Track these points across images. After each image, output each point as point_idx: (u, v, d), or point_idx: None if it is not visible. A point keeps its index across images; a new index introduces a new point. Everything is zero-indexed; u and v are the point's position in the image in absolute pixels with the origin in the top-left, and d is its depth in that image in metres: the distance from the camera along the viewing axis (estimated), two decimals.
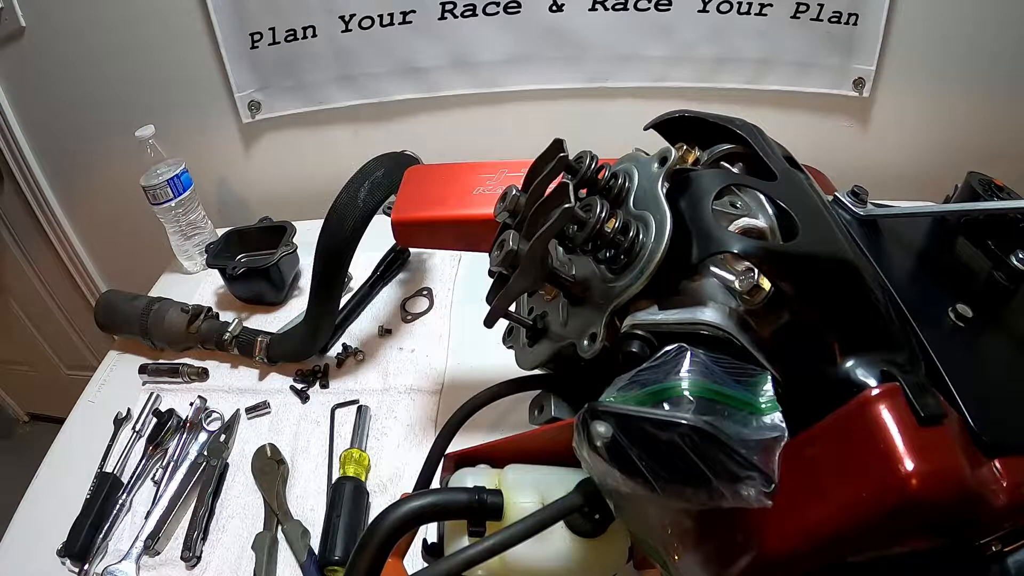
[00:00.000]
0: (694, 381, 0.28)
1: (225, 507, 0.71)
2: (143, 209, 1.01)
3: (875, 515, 0.25)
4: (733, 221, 0.36)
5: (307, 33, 1.04)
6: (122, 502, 0.72)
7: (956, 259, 0.43)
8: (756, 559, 0.28)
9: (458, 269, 0.97)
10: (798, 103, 1.08)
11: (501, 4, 1.00)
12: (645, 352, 0.31)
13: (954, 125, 1.08)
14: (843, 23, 0.98)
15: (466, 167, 0.69)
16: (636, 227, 0.33)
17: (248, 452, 0.75)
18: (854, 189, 0.44)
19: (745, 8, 0.99)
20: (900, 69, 1.02)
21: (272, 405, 0.81)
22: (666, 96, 1.08)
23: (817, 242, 0.33)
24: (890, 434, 0.26)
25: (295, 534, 0.67)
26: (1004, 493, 0.27)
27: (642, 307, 0.33)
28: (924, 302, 0.36)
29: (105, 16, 1.05)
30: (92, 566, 0.66)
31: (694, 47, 1.03)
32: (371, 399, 0.80)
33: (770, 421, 0.28)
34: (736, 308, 0.32)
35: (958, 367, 0.31)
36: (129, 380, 0.86)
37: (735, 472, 0.27)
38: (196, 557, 0.67)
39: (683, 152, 0.39)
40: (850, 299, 0.32)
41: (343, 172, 0.73)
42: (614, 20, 1.01)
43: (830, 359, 0.30)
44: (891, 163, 1.13)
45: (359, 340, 0.88)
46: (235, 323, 0.85)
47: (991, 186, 0.45)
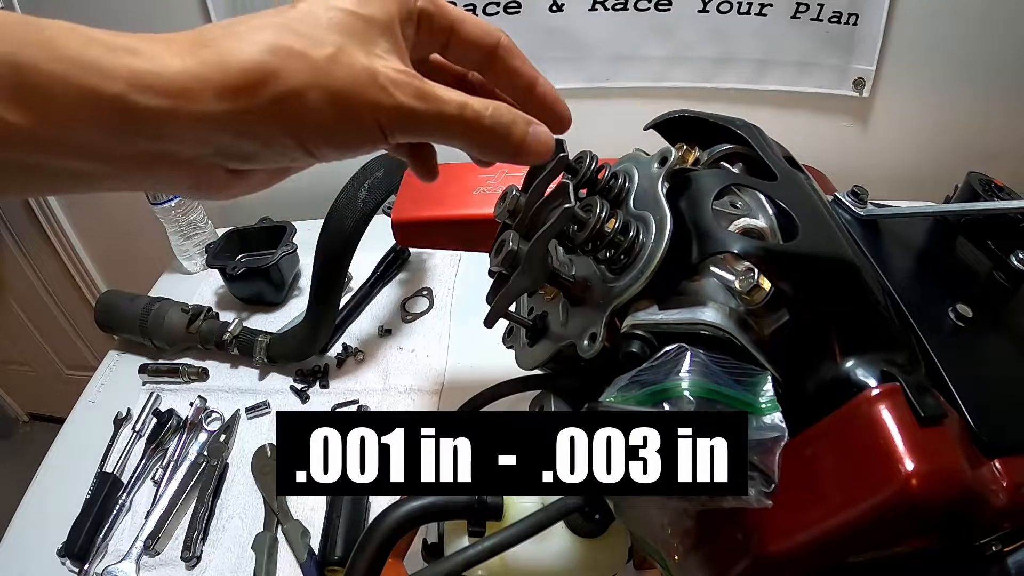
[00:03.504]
0: (694, 381, 0.28)
1: (225, 507, 0.71)
2: (143, 209, 1.01)
3: (875, 515, 0.25)
4: (733, 221, 0.36)
5: None
6: (122, 502, 0.72)
7: (956, 259, 0.43)
8: (756, 559, 0.28)
9: (458, 269, 0.97)
10: (798, 103, 1.08)
11: (501, 4, 1.00)
12: (645, 352, 0.31)
13: (954, 125, 1.08)
14: (843, 23, 0.98)
15: (466, 167, 0.69)
16: (636, 227, 0.33)
17: (248, 452, 0.75)
18: (854, 189, 0.44)
19: (745, 8, 0.99)
20: (900, 69, 1.02)
21: (272, 405, 0.81)
22: (666, 96, 1.08)
23: (817, 242, 0.33)
24: (890, 434, 0.26)
25: (295, 534, 0.67)
26: (1004, 493, 0.27)
27: (642, 307, 0.33)
28: (924, 302, 0.36)
29: (104, 16, 1.05)
30: (92, 566, 0.66)
31: (694, 47, 1.03)
32: (371, 399, 0.80)
33: (770, 421, 0.28)
34: (736, 308, 0.32)
35: (958, 367, 0.31)
36: (129, 380, 0.86)
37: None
38: (196, 557, 0.67)
39: (683, 152, 0.39)
40: (850, 299, 0.32)
41: (343, 172, 0.73)
42: (614, 20, 1.01)
43: (830, 359, 0.30)
44: (891, 163, 1.13)
45: (359, 340, 0.88)
46: (235, 323, 0.85)
47: (991, 186, 0.45)
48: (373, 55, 0.26)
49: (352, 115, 0.26)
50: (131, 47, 0.23)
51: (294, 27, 0.25)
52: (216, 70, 0.24)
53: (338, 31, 0.26)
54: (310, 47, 0.25)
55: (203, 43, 0.24)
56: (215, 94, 0.24)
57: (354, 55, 0.26)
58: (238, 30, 0.25)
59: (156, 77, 0.23)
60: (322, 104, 0.25)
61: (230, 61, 0.24)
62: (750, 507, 0.27)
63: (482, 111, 0.28)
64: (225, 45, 0.24)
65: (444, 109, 0.27)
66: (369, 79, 0.26)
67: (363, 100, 0.26)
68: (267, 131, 0.25)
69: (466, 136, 0.28)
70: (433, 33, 0.30)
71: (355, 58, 0.26)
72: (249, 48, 0.24)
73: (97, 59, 0.22)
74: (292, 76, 0.24)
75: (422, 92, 0.27)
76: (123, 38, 0.23)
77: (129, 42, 0.23)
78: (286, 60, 0.24)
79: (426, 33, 0.30)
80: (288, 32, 0.25)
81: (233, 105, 0.24)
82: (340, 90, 0.25)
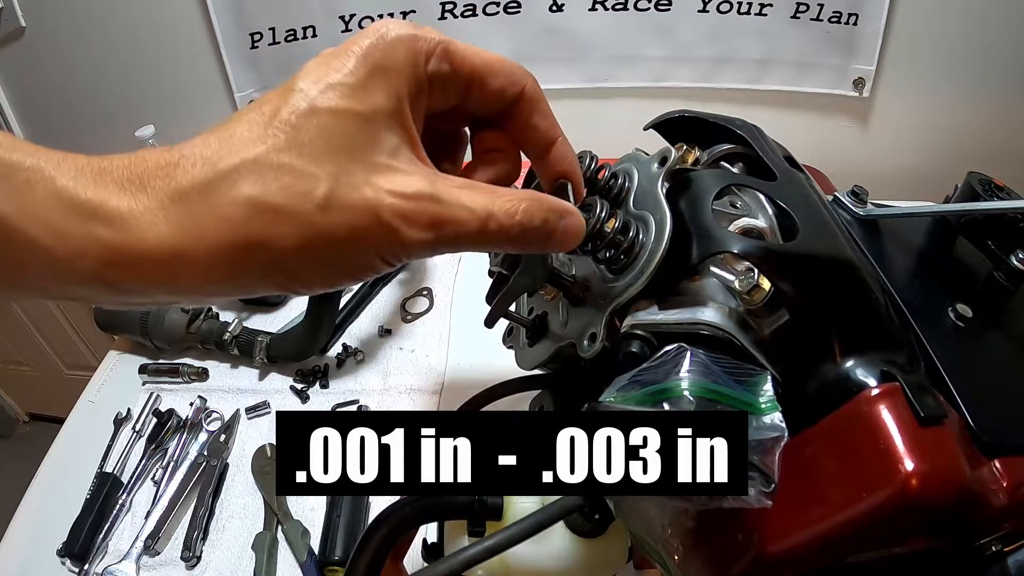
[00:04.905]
0: (694, 381, 0.28)
1: (225, 507, 0.71)
2: None
3: (875, 515, 0.25)
4: (733, 221, 0.36)
5: (307, 33, 1.04)
6: (122, 502, 0.72)
7: (956, 259, 0.43)
8: (756, 559, 0.28)
9: (458, 269, 0.97)
10: (798, 103, 1.08)
11: (501, 4, 1.00)
12: (645, 352, 0.31)
13: (954, 125, 1.08)
14: (843, 23, 0.98)
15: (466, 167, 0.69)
16: (636, 227, 0.33)
17: (248, 452, 0.75)
18: (854, 189, 0.44)
19: (745, 8, 0.99)
20: (900, 69, 1.02)
21: (272, 405, 0.81)
22: (666, 96, 1.08)
23: (817, 242, 0.33)
24: (890, 434, 0.26)
25: (295, 534, 0.67)
26: (1004, 493, 0.27)
27: (642, 307, 0.33)
28: (924, 302, 0.36)
29: (105, 16, 1.05)
30: (92, 566, 0.66)
31: (694, 47, 1.03)
32: (371, 399, 0.80)
33: (770, 421, 0.28)
34: (736, 308, 0.32)
35: (958, 367, 0.31)
36: (129, 380, 0.86)
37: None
38: (196, 557, 0.67)
39: (683, 152, 0.39)
40: (850, 299, 0.32)
41: None
42: (614, 20, 1.01)
43: (830, 359, 0.30)
44: (891, 163, 1.13)
45: (359, 340, 0.88)
46: (235, 323, 0.85)
47: (991, 186, 0.45)
48: (376, 175, 0.22)
49: (353, 262, 0.23)
50: (103, 212, 0.20)
51: (278, 163, 0.21)
52: (197, 242, 0.21)
53: (331, 151, 0.22)
54: (298, 198, 0.21)
55: (180, 195, 0.21)
56: (197, 273, 0.21)
57: (352, 189, 0.22)
58: (217, 174, 0.21)
59: (132, 256, 0.20)
60: (316, 263, 0.22)
61: (211, 233, 0.21)
62: (750, 507, 0.27)
63: (508, 222, 0.24)
64: (205, 205, 0.21)
65: (463, 230, 0.23)
66: (372, 220, 0.22)
67: (366, 247, 0.22)
68: (257, 286, 0.23)
69: (491, 245, 0.25)
70: (448, 94, 0.26)
71: (353, 194, 0.22)
72: (230, 211, 0.21)
73: (67, 230, 0.20)
74: (281, 241, 0.21)
75: (438, 220, 0.23)
76: (93, 191, 0.20)
77: (99, 200, 0.20)
78: (272, 225, 0.21)
79: (440, 96, 0.26)
80: (271, 175, 0.21)
81: (218, 277, 0.22)
82: (338, 242, 0.22)
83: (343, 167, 0.22)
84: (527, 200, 0.25)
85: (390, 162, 0.23)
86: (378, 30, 0.23)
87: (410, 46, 0.24)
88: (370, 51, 0.23)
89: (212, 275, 0.21)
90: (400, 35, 0.23)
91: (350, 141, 0.22)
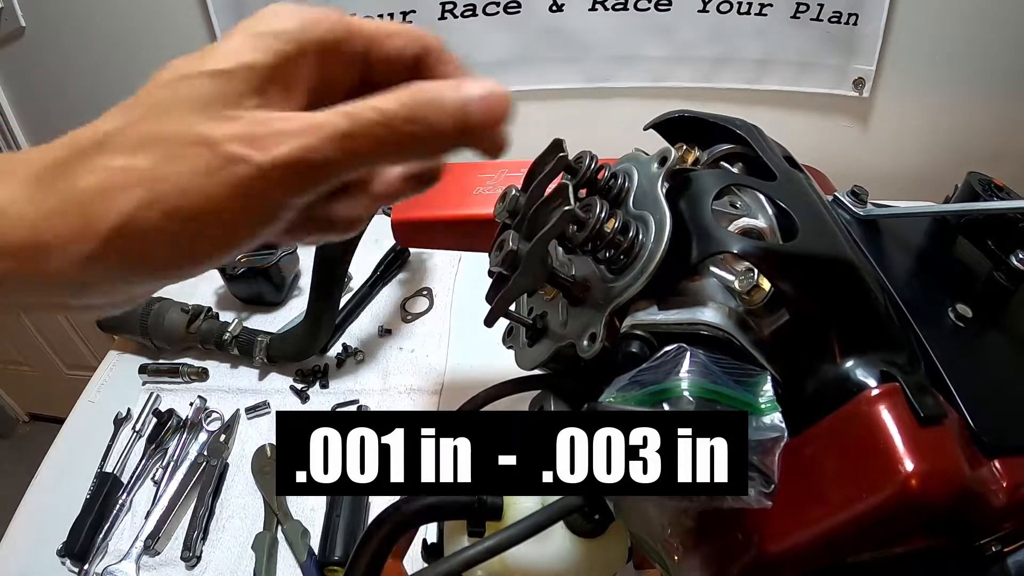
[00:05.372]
0: (694, 381, 0.28)
1: (225, 507, 0.71)
2: None
3: (875, 515, 0.25)
4: (733, 221, 0.36)
5: None
6: (122, 502, 0.72)
7: (956, 259, 0.43)
8: (756, 559, 0.28)
9: (458, 269, 0.97)
10: (798, 103, 1.08)
11: (501, 4, 1.00)
12: (645, 352, 0.31)
13: (954, 125, 1.08)
14: (843, 23, 0.98)
15: (466, 167, 0.69)
16: (636, 227, 0.33)
17: (248, 452, 0.75)
18: (854, 189, 0.44)
19: (745, 8, 0.99)
20: (900, 69, 1.02)
21: (272, 405, 0.81)
22: (666, 96, 1.08)
23: (817, 242, 0.33)
24: (890, 434, 0.26)
25: (295, 534, 0.67)
26: (1004, 493, 0.27)
27: (642, 307, 0.33)
28: (924, 302, 0.36)
29: (105, 16, 1.05)
30: (92, 566, 0.66)
31: (694, 47, 1.03)
32: (371, 399, 0.80)
33: (770, 421, 0.28)
34: (736, 308, 0.32)
35: (958, 367, 0.31)
36: (129, 380, 0.86)
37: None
38: (196, 557, 0.67)
39: (683, 152, 0.39)
40: (850, 299, 0.32)
41: None
42: (614, 20, 1.01)
43: (830, 359, 0.30)
44: (891, 163, 1.13)
45: (359, 340, 0.88)
46: (235, 323, 0.85)
47: (991, 186, 0.45)
48: (221, 121, 0.20)
49: (222, 218, 0.21)
50: None
51: (136, 133, 0.21)
52: (55, 221, 0.20)
53: (182, 111, 0.21)
54: (143, 160, 0.20)
55: (37, 177, 0.20)
56: (63, 256, 0.20)
57: (192, 135, 0.20)
58: (73, 153, 0.21)
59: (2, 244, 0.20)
60: (181, 223, 0.20)
61: (70, 210, 0.20)
62: (750, 507, 0.27)
63: (386, 106, 0.21)
64: (64, 183, 0.20)
65: (326, 133, 0.21)
66: (214, 156, 0.20)
67: (220, 190, 0.20)
68: (140, 263, 0.21)
69: (378, 151, 0.22)
70: (347, 63, 0.24)
71: (191, 138, 0.20)
72: (86, 183, 0.20)
73: None
74: (135, 206, 0.20)
75: (288, 132, 0.20)
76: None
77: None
78: (125, 191, 0.20)
79: (336, 65, 0.24)
80: (124, 145, 0.21)
81: (85, 257, 0.20)
82: (190, 194, 0.20)
83: (188, 122, 0.20)
84: (412, 87, 0.22)
85: (249, 112, 0.21)
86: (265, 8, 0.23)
87: (295, 11, 0.23)
88: (247, 23, 0.22)
89: (77, 256, 0.20)
90: (286, 4, 0.23)
91: (210, 99, 0.21)
